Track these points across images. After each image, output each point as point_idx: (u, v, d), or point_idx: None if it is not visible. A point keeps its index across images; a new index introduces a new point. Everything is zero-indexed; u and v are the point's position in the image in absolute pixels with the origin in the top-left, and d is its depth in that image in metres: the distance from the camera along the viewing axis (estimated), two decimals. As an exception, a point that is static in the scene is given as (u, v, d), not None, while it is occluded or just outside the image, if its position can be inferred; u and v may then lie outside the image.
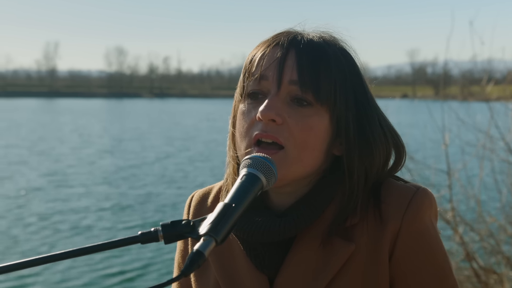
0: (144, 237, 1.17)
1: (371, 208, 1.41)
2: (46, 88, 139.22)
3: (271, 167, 1.30)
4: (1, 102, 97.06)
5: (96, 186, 18.38)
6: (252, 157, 1.31)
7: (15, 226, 13.25)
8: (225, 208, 1.17)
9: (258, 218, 1.43)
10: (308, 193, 1.44)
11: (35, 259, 1.13)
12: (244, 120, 1.45)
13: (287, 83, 1.40)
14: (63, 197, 16.52)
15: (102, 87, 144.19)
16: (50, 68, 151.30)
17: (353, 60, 1.47)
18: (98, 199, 16.47)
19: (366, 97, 1.46)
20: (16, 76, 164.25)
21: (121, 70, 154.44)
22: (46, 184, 18.58)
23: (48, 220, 13.83)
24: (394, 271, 1.38)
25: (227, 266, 1.51)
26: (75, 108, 78.35)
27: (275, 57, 1.42)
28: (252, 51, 1.48)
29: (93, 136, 36.45)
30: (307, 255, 1.41)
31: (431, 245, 1.40)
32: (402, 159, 1.51)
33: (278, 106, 1.39)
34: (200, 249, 1.09)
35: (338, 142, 1.44)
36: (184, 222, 1.17)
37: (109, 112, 71.65)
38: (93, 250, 1.15)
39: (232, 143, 1.53)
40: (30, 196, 16.48)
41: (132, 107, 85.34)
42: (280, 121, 1.39)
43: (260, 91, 1.43)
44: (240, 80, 1.49)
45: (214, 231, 1.12)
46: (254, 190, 1.25)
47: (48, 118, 55.05)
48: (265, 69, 1.42)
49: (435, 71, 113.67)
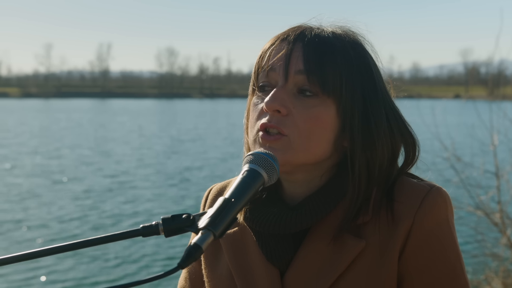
0: (146, 230, 1.19)
1: (384, 206, 1.40)
2: (99, 88, 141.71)
3: (273, 163, 1.31)
4: (56, 103, 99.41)
5: (162, 188, 18.49)
6: (254, 153, 1.33)
7: (85, 227, 13.46)
8: (224, 203, 1.19)
9: (271, 210, 1.46)
10: (321, 187, 1.45)
11: (39, 250, 1.16)
12: (254, 111, 1.48)
13: (293, 73, 1.42)
14: (131, 199, 16.72)
15: (153, 87, 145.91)
16: (103, 69, 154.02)
17: (364, 53, 1.47)
18: (165, 201, 16.60)
19: (375, 91, 1.45)
20: (70, 77, 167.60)
21: (172, 70, 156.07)
22: (114, 185, 18.79)
23: (119, 224, 13.90)
24: (404, 268, 1.38)
25: (240, 256, 1.52)
26: (128, 109, 79.62)
27: (282, 49, 1.44)
28: (263, 46, 1.51)
29: (153, 137, 36.92)
30: (318, 250, 1.42)
31: (443, 243, 1.39)
32: (414, 156, 1.49)
33: (283, 97, 1.41)
34: (197, 242, 1.11)
35: (346, 134, 1.44)
36: (184, 216, 1.20)
37: (162, 113, 72.44)
38: (96, 242, 1.18)
39: (246, 135, 1.56)
40: (99, 198, 16.74)
41: (183, 107, 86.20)
42: (285, 112, 1.40)
43: (269, 83, 1.46)
44: (252, 74, 1.52)
45: (212, 225, 1.15)
46: (255, 186, 1.27)
47: (106, 118, 56.14)
48: (273, 61, 1.45)
49: (488, 70, 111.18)
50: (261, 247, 1.48)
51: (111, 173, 21.30)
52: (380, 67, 1.50)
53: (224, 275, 1.54)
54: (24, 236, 12.60)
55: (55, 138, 35.17)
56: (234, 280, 1.51)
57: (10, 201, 15.99)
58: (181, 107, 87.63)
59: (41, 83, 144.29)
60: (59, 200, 16.30)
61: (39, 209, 15.06)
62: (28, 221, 13.80)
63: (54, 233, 12.80)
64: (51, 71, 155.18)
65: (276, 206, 1.47)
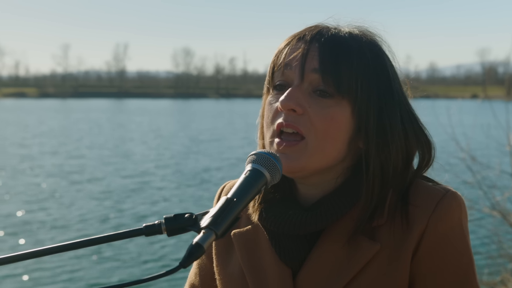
0: (148, 229, 1.20)
1: (399, 210, 1.40)
2: (116, 88, 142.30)
3: (276, 163, 1.32)
4: (73, 103, 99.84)
5: (181, 188, 18.47)
6: (257, 153, 1.33)
7: (105, 227, 13.49)
8: (226, 203, 1.20)
9: (286, 210, 1.46)
10: (335, 189, 1.45)
11: (42, 249, 1.17)
12: (269, 111, 1.47)
13: (309, 71, 1.41)
14: (150, 199, 16.76)
15: (169, 87, 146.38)
16: (119, 69, 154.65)
17: (381, 54, 1.46)
18: (184, 201, 16.63)
19: (391, 93, 1.44)
20: (87, 77, 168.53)
21: (188, 71, 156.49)
22: (133, 185, 18.79)
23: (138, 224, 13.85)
24: (416, 270, 1.38)
25: (252, 255, 1.52)
26: (145, 108, 79.79)
27: (298, 48, 1.44)
28: (279, 45, 1.50)
29: (171, 137, 36.94)
30: (331, 251, 1.42)
31: (456, 248, 1.39)
32: (430, 158, 1.49)
33: (298, 96, 1.40)
34: (199, 242, 1.11)
35: (361, 135, 1.43)
36: (186, 216, 1.20)
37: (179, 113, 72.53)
38: (99, 241, 1.18)
39: (261, 134, 1.56)
40: (119, 198, 16.80)
41: (199, 107, 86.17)
42: (301, 111, 1.40)
43: (284, 82, 1.45)
44: (268, 72, 1.52)
45: (214, 224, 1.15)
46: (258, 186, 1.27)
47: (124, 118, 56.34)
48: (289, 59, 1.44)
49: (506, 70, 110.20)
50: (274, 247, 1.48)
51: (130, 173, 21.37)
52: (396, 68, 1.49)
53: (236, 273, 1.54)
54: (47, 235, 12.69)
55: (74, 138, 35.33)
56: (245, 278, 1.51)
57: (31, 202, 16.07)
58: (197, 107, 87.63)
59: (58, 83, 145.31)
60: (79, 200, 16.41)
61: (60, 209, 15.16)
62: (50, 221, 13.91)
63: (76, 233, 12.83)
64: (68, 71, 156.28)
65: (291, 207, 1.47)
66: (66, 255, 10.49)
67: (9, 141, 32.32)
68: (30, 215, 14.41)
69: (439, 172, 1.54)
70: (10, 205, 15.58)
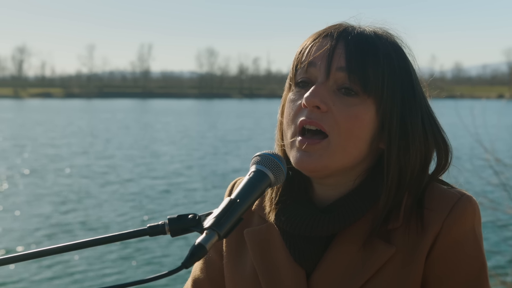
0: (152, 230, 1.21)
1: (414, 213, 1.39)
2: (140, 89, 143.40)
3: (280, 164, 1.33)
4: (98, 103, 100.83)
5: (211, 190, 18.48)
6: (261, 154, 1.34)
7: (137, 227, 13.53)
8: (229, 204, 1.21)
9: (302, 211, 1.44)
10: (352, 191, 1.44)
11: (48, 249, 1.18)
12: (291, 108, 1.45)
13: (335, 69, 1.39)
14: (181, 200, 16.80)
15: (193, 87, 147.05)
16: (144, 70, 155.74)
17: (404, 56, 1.46)
18: (215, 203, 16.46)
19: (413, 94, 1.44)
20: (112, 77, 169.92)
21: (212, 71, 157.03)
22: (163, 186, 18.79)
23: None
24: (428, 273, 1.38)
25: (266, 255, 1.50)
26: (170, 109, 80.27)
27: (324, 46, 1.42)
28: (303, 42, 1.49)
29: (199, 137, 37.02)
30: (346, 253, 1.41)
31: (469, 252, 1.38)
32: (447, 162, 1.48)
33: (323, 93, 1.39)
34: (201, 242, 1.12)
35: (383, 136, 1.42)
36: (190, 216, 1.21)
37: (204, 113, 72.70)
38: (104, 241, 1.19)
39: (279, 132, 1.54)
40: (149, 199, 16.82)
41: (223, 107, 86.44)
42: (325, 109, 1.38)
43: (308, 79, 1.43)
44: (290, 69, 1.50)
45: (217, 225, 1.16)
46: (261, 187, 1.28)
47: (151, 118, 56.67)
48: (314, 57, 1.42)
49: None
50: (288, 247, 1.47)
51: (160, 174, 21.39)
52: (417, 70, 1.49)
53: (248, 272, 1.52)
54: (80, 237, 12.64)
55: (103, 138, 35.55)
56: (258, 277, 1.50)
57: (65, 202, 16.17)
58: (221, 107, 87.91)
59: (84, 83, 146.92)
60: (111, 201, 16.46)
61: (93, 210, 15.21)
62: (83, 223, 13.96)
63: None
64: (93, 72, 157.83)
65: (307, 208, 1.46)
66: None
67: (40, 142, 32.55)
68: (64, 216, 14.47)
69: (462, 173, 1.52)
70: (45, 206, 15.62)
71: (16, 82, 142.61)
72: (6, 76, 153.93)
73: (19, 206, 15.50)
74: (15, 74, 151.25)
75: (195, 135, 38.58)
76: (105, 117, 58.20)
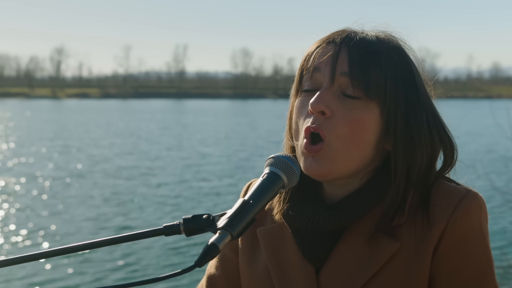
0: (168, 229, 1.24)
1: (420, 209, 1.42)
2: (175, 89, 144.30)
3: (293, 166, 1.36)
4: (134, 103, 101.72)
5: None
6: (275, 156, 1.37)
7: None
8: (243, 204, 1.24)
9: (310, 208, 1.48)
10: (359, 188, 1.47)
11: (62, 248, 1.21)
12: (298, 114, 1.49)
13: (339, 75, 1.43)
14: (231, 203, 16.44)
15: (227, 88, 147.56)
16: (179, 70, 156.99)
17: (407, 58, 1.49)
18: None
19: (417, 95, 1.46)
20: (147, 78, 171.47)
21: (247, 71, 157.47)
22: (215, 188, 18.72)
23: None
24: (435, 269, 1.40)
25: (278, 253, 1.55)
26: (205, 109, 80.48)
27: (328, 52, 1.46)
28: (308, 49, 1.52)
29: (244, 138, 36.92)
30: (353, 249, 1.44)
31: (475, 248, 1.40)
32: (452, 160, 1.51)
33: (328, 98, 1.42)
34: (214, 242, 1.15)
35: (388, 137, 1.45)
36: (204, 217, 1.23)
37: (242, 113, 72.78)
38: (120, 241, 1.22)
39: (288, 136, 1.57)
40: (199, 201, 16.76)
41: (259, 107, 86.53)
42: (329, 114, 1.41)
43: (314, 85, 1.47)
44: (296, 75, 1.54)
45: (230, 225, 1.19)
46: (274, 188, 1.31)
47: (190, 119, 57.08)
48: (318, 62, 1.46)
49: None
50: (298, 244, 1.51)
51: (208, 176, 21.34)
52: (421, 71, 1.52)
53: (261, 270, 1.57)
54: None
55: (145, 138, 35.72)
56: (270, 275, 1.54)
57: (114, 205, 16.20)
58: (256, 107, 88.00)
59: (120, 84, 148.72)
60: (160, 204, 16.45)
61: (141, 213, 15.19)
62: (135, 225, 13.90)
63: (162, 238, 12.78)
64: (129, 72, 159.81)
65: (315, 205, 1.50)
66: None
67: (85, 143, 32.77)
68: (119, 219, 14.50)
69: (495, 172, 1.62)
70: (94, 207, 15.70)
71: (54, 83, 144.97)
72: (45, 76, 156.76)
73: (69, 206, 15.57)
74: (53, 75, 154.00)
75: (237, 136, 38.43)
76: (145, 117, 58.53)
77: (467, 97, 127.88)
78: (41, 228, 13.39)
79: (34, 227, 13.46)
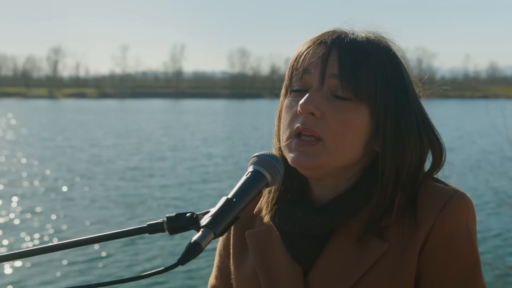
0: (151, 227, 1.24)
1: (408, 210, 1.43)
2: (172, 89, 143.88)
3: (276, 165, 1.36)
4: (131, 103, 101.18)
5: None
6: (259, 155, 1.37)
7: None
8: (226, 203, 1.24)
9: (298, 210, 1.49)
10: (347, 190, 1.48)
11: (45, 247, 1.21)
12: (287, 114, 1.49)
13: (328, 76, 1.43)
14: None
15: (225, 88, 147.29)
16: (176, 70, 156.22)
17: (397, 59, 1.49)
18: None
19: (406, 97, 1.47)
20: (144, 77, 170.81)
21: (244, 71, 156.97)
22: (225, 190, 18.27)
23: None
24: (421, 267, 1.41)
25: (265, 255, 1.55)
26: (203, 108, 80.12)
27: (318, 53, 1.46)
28: (298, 49, 1.52)
29: (248, 138, 36.52)
30: (342, 251, 1.45)
31: (462, 247, 1.41)
32: (440, 161, 1.52)
33: (317, 99, 1.42)
34: (197, 240, 1.15)
35: (378, 138, 1.46)
36: (188, 215, 1.23)
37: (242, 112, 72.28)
38: (103, 239, 1.22)
39: (277, 136, 1.58)
40: (207, 204, 16.59)
41: (256, 107, 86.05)
42: (319, 115, 1.42)
43: (303, 85, 1.47)
44: (286, 75, 1.53)
45: (213, 223, 1.19)
46: (258, 187, 1.31)
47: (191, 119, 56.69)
48: (308, 63, 1.46)
49: None
50: (286, 246, 1.51)
51: (215, 177, 21.16)
52: (410, 72, 1.52)
53: (249, 272, 1.58)
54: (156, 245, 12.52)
55: (147, 139, 35.46)
56: (258, 277, 1.55)
57: (119, 207, 16.16)
58: (254, 107, 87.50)
59: (117, 83, 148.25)
60: (167, 206, 16.41)
61: (150, 215, 15.05)
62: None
63: (173, 240, 12.49)
64: (127, 72, 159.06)
65: (303, 207, 1.50)
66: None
67: (88, 143, 32.56)
68: (121, 219, 14.46)
69: (492, 172, 1.66)
70: (102, 208, 15.72)
71: (51, 83, 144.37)
72: (42, 76, 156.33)
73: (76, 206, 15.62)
74: (50, 75, 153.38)
75: (240, 136, 38.24)
76: (144, 117, 58.27)
77: (464, 97, 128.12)
78: (41, 228, 13.45)
79: (35, 228, 13.46)
